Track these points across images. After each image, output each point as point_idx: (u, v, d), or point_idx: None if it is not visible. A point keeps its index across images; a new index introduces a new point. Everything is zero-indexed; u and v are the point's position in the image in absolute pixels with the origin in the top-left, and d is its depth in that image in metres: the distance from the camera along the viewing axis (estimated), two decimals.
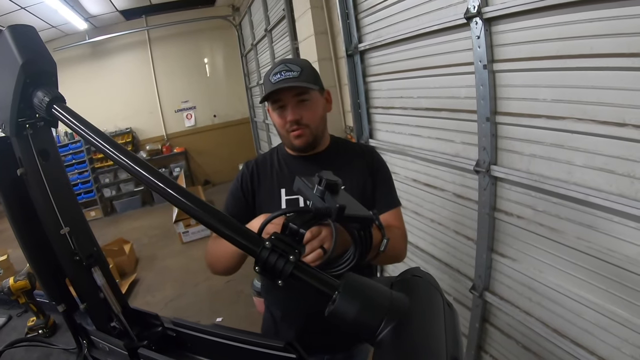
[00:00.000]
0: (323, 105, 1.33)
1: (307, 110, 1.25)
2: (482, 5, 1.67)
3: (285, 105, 1.24)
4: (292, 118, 1.24)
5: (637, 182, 1.30)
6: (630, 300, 1.39)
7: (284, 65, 1.23)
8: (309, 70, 1.26)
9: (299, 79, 1.20)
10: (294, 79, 1.20)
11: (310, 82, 1.24)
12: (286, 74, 1.20)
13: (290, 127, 1.26)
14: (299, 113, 1.24)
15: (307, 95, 1.24)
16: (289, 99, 1.23)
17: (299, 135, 1.26)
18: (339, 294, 0.54)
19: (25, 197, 0.85)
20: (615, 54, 1.29)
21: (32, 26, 0.78)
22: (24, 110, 0.76)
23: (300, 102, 1.24)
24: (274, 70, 1.23)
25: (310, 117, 1.26)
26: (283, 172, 1.36)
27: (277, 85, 1.19)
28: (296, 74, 1.20)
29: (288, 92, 1.22)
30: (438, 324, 0.56)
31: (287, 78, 1.20)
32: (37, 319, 1.25)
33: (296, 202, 1.31)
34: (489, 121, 1.79)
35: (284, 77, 1.20)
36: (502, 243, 1.96)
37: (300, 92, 1.23)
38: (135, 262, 5.06)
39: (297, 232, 0.60)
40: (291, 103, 1.24)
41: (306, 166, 1.34)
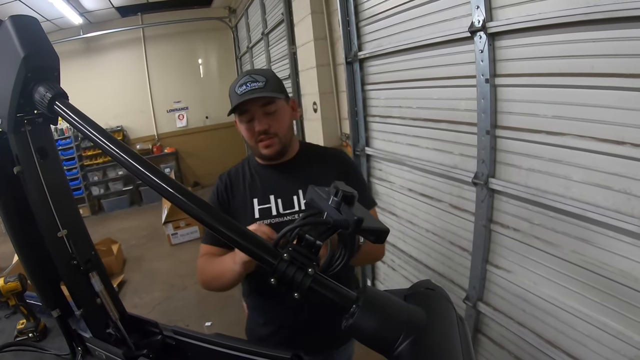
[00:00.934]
0: (289, 114, 1.35)
1: (274, 119, 1.27)
2: (487, 20, 1.69)
3: (252, 117, 1.26)
4: (260, 128, 1.26)
5: (633, 198, 1.32)
6: (622, 313, 1.41)
7: (249, 77, 1.24)
8: (273, 80, 1.28)
9: (265, 89, 1.22)
10: (260, 89, 1.22)
11: (276, 91, 1.26)
12: (252, 84, 1.22)
13: (258, 137, 1.28)
14: (266, 123, 1.26)
15: (273, 106, 1.26)
16: (256, 109, 1.25)
17: (268, 145, 1.29)
18: (358, 307, 0.54)
19: (21, 197, 0.82)
20: (615, 74, 1.31)
21: (35, 18, 0.74)
22: (23, 105, 0.73)
23: (267, 113, 1.26)
24: (239, 81, 1.25)
25: (278, 126, 1.29)
26: (254, 182, 1.38)
27: (243, 97, 1.21)
28: (262, 84, 1.23)
29: (255, 103, 1.24)
30: (454, 338, 0.56)
31: (253, 89, 1.22)
32: (27, 322, 1.21)
33: (268, 210, 1.33)
34: (488, 134, 1.81)
35: (249, 88, 1.22)
36: (497, 255, 1.97)
37: (266, 102, 1.25)
38: (123, 263, 4.98)
39: (314, 244, 0.59)
40: (258, 113, 1.26)
41: (276, 174, 1.38)
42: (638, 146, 1.27)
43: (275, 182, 1.37)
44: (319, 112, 3.58)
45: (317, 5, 3.38)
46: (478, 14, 1.72)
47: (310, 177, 1.31)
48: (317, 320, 1.33)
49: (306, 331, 1.35)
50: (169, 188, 0.61)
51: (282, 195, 1.35)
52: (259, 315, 1.45)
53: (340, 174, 1.37)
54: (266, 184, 1.37)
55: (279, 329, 1.39)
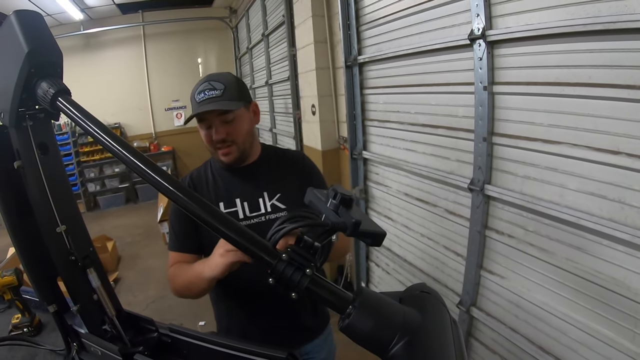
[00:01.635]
0: (249, 120, 1.35)
1: (232, 128, 1.28)
2: (487, 28, 1.71)
3: (210, 124, 1.27)
4: (218, 137, 1.27)
5: (627, 207, 1.34)
6: (614, 320, 1.42)
7: (207, 84, 1.24)
8: (232, 86, 1.27)
9: (222, 97, 1.22)
10: (216, 98, 1.22)
11: (234, 99, 1.25)
12: (209, 92, 1.23)
13: (216, 145, 1.29)
14: (224, 132, 1.27)
15: (231, 115, 1.26)
16: (213, 118, 1.26)
17: (226, 153, 1.30)
18: (355, 308, 0.54)
19: (20, 192, 0.82)
20: (612, 84, 1.33)
21: (39, 13, 0.75)
22: (25, 100, 0.74)
23: (225, 121, 1.27)
24: (198, 88, 1.26)
25: (236, 134, 1.29)
26: (218, 186, 1.39)
27: (200, 107, 1.22)
28: (219, 92, 1.23)
29: (212, 113, 1.24)
30: (448, 340, 0.57)
31: (210, 97, 1.22)
32: (23, 316, 1.21)
33: (235, 214, 1.34)
34: (485, 141, 1.82)
35: (207, 96, 1.22)
36: (491, 261, 1.98)
37: (223, 111, 1.25)
38: (117, 261, 4.98)
39: (312, 245, 0.60)
40: (215, 123, 1.26)
41: (240, 178, 1.39)
42: (633, 156, 1.29)
43: (240, 186, 1.37)
44: (318, 115, 3.60)
45: (318, 9, 3.40)
46: (478, 22, 1.74)
47: (274, 180, 1.36)
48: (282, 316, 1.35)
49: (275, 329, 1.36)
50: (170, 186, 0.62)
51: (248, 199, 1.36)
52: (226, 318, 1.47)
53: (302, 175, 1.42)
54: (231, 187, 1.38)
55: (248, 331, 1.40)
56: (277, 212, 1.36)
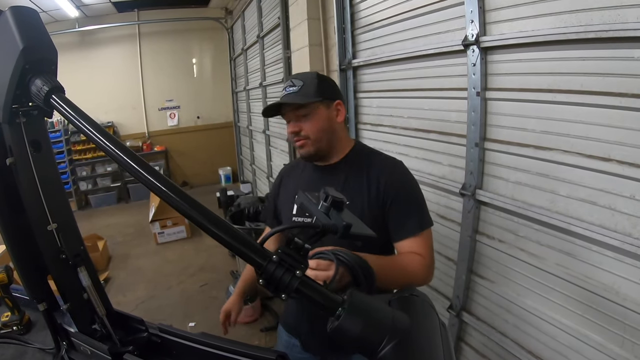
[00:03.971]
0: (327, 117, 1.31)
1: (306, 123, 1.30)
2: (481, 35, 1.73)
3: (289, 119, 1.34)
4: (290, 130, 1.33)
5: (617, 214, 1.36)
6: (604, 325, 1.44)
7: (290, 81, 1.31)
8: (311, 83, 1.29)
9: (297, 93, 1.27)
10: (292, 94, 1.27)
11: (310, 95, 1.27)
12: (288, 88, 1.28)
13: (292, 138, 1.34)
14: (298, 126, 1.31)
15: (304, 110, 1.29)
16: (289, 113, 1.32)
17: (300, 145, 1.33)
18: (344, 310, 0.55)
19: (12, 188, 0.81)
20: (604, 92, 1.35)
21: (35, 10, 0.74)
22: (19, 97, 0.73)
23: (299, 116, 1.30)
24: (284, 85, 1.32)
25: (310, 129, 1.30)
26: (303, 177, 1.46)
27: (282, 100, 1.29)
28: (297, 88, 1.27)
29: (287, 107, 1.31)
30: (436, 343, 0.58)
31: (288, 93, 1.28)
32: (12, 314, 1.20)
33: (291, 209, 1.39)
34: (477, 147, 1.84)
35: (286, 92, 1.29)
36: (482, 265, 2.00)
37: (297, 107, 1.29)
38: (108, 260, 4.93)
39: (302, 247, 0.60)
40: (290, 117, 1.32)
41: (319, 175, 1.40)
42: (623, 163, 1.31)
43: (318, 182, 1.35)
44: None
45: (313, 12, 3.40)
46: (472, 28, 1.76)
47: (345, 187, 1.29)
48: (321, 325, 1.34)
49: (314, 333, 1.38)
50: (162, 187, 0.61)
51: None
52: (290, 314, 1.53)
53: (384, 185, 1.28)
54: (310, 182, 1.41)
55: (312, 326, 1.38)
56: None
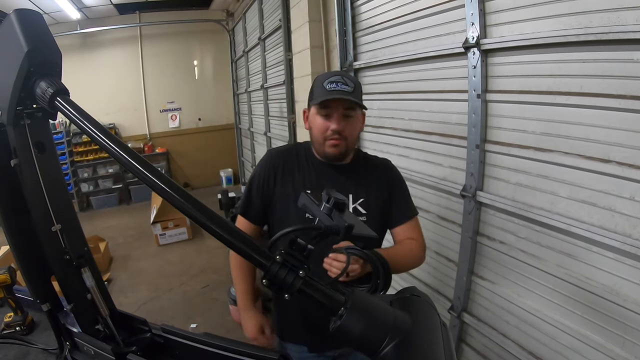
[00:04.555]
0: (361, 124, 1.41)
1: (349, 124, 1.32)
2: (481, 37, 1.74)
3: (331, 114, 1.30)
4: (336, 128, 1.30)
5: (617, 215, 1.36)
6: (604, 326, 1.44)
7: (341, 77, 1.29)
8: (360, 89, 1.34)
9: (353, 94, 1.27)
10: (349, 93, 1.27)
11: (360, 100, 1.31)
12: (342, 86, 1.27)
13: (331, 135, 1.31)
14: (342, 125, 1.30)
15: (353, 112, 1.32)
16: (338, 109, 1.29)
17: (335, 144, 1.32)
18: (346, 310, 0.55)
19: (16, 190, 0.82)
20: (603, 94, 1.36)
21: (39, 13, 0.75)
22: (24, 99, 0.74)
23: (346, 116, 1.31)
24: (329, 78, 1.29)
25: (350, 132, 1.33)
26: (310, 174, 1.41)
27: (334, 94, 1.25)
28: (351, 89, 1.28)
29: (340, 103, 1.28)
30: (437, 343, 0.58)
31: (343, 90, 1.26)
32: (15, 315, 1.20)
33: None
34: (478, 148, 1.85)
35: (340, 87, 1.26)
36: (482, 266, 2.00)
37: (349, 106, 1.30)
38: (109, 261, 4.94)
39: (305, 247, 0.61)
40: (338, 113, 1.30)
41: (333, 174, 1.40)
42: (623, 165, 1.32)
43: (329, 181, 1.39)
44: None
45: (315, 14, 3.41)
46: (473, 30, 1.77)
47: (362, 184, 1.39)
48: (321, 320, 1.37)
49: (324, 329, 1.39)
50: (166, 187, 0.62)
51: None
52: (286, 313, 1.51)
53: (387, 183, 1.43)
54: (322, 179, 1.39)
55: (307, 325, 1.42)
56: (357, 215, 1.36)
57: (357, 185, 1.39)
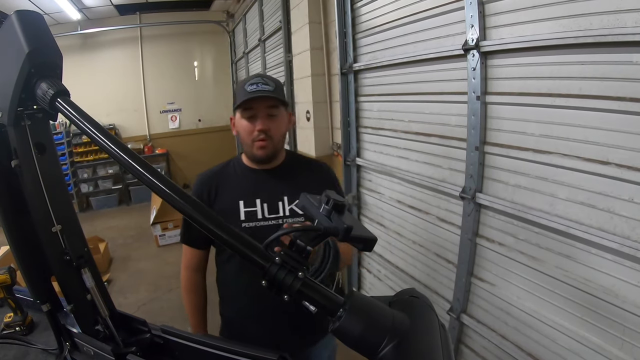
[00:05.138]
0: (286, 123, 1.43)
1: (274, 123, 1.35)
2: (481, 39, 1.74)
3: (255, 115, 1.33)
4: (261, 128, 1.33)
5: (616, 217, 1.37)
6: (603, 328, 1.45)
7: (261, 79, 1.32)
8: (281, 88, 1.37)
9: (274, 93, 1.31)
10: (270, 92, 1.30)
11: (282, 98, 1.34)
12: (262, 86, 1.30)
13: (257, 136, 1.33)
14: (267, 124, 1.33)
15: (277, 110, 1.35)
16: (261, 109, 1.32)
17: (262, 145, 1.34)
18: (345, 311, 0.56)
19: (17, 190, 0.82)
20: (602, 96, 1.36)
21: (40, 14, 0.75)
22: (24, 100, 0.74)
23: (270, 115, 1.34)
24: (250, 80, 1.32)
25: (276, 131, 1.36)
26: (241, 184, 1.42)
27: (254, 94, 1.27)
28: (272, 88, 1.31)
29: (262, 103, 1.32)
30: (436, 344, 0.58)
31: (263, 90, 1.29)
32: (15, 315, 1.20)
33: (254, 214, 1.37)
34: (477, 150, 1.85)
35: (260, 88, 1.30)
36: (482, 268, 2.00)
37: (272, 105, 1.33)
38: (109, 262, 4.94)
39: (304, 249, 0.61)
40: (262, 114, 1.33)
41: (264, 179, 1.42)
42: (622, 166, 1.32)
43: (262, 187, 1.41)
44: (312, 121, 3.62)
45: (315, 16, 3.43)
46: (472, 32, 1.77)
47: (295, 185, 1.40)
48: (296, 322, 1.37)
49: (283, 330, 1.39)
50: (166, 189, 0.63)
51: (268, 200, 1.39)
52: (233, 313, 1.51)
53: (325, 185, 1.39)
54: (253, 187, 1.41)
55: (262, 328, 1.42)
56: (294, 216, 1.39)
57: (291, 187, 1.41)
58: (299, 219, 1.38)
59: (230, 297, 1.50)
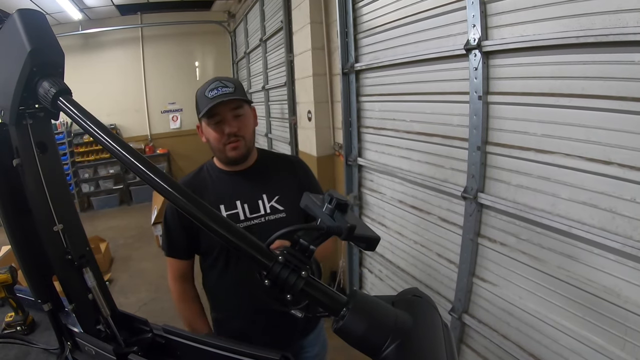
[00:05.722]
0: (253, 120, 1.42)
1: (242, 123, 1.34)
2: (483, 39, 1.74)
3: (222, 120, 1.32)
4: (231, 130, 1.32)
5: (618, 217, 1.36)
6: (605, 328, 1.44)
7: (219, 82, 1.31)
8: (240, 87, 1.36)
9: (235, 94, 1.30)
10: (231, 93, 1.29)
11: (244, 97, 1.32)
12: (222, 89, 1.29)
13: (227, 139, 1.33)
14: (235, 125, 1.32)
15: (242, 110, 1.34)
16: (226, 113, 1.31)
17: (235, 147, 1.34)
18: (348, 311, 0.55)
19: (18, 189, 0.82)
20: (605, 96, 1.36)
21: (42, 13, 0.75)
22: (26, 99, 0.73)
23: (236, 116, 1.33)
24: (209, 86, 1.31)
25: (245, 129, 1.36)
26: (218, 189, 1.41)
27: (216, 100, 1.27)
28: (231, 89, 1.30)
29: (225, 107, 1.30)
30: (439, 344, 0.58)
31: (224, 93, 1.28)
32: (16, 315, 1.20)
33: (236, 216, 1.36)
34: (479, 150, 1.85)
35: (220, 92, 1.29)
36: (483, 268, 2.00)
37: (236, 106, 1.32)
38: (110, 262, 4.94)
39: (307, 248, 0.61)
40: (228, 117, 1.32)
41: (240, 180, 1.42)
42: (624, 166, 1.32)
43: (240, 188, 1.40)
44: (313, 121, 3.61)
45: (316, 16, 3.42)
46: (474, 32, 1.77)
47: (271, 182, 1.42)
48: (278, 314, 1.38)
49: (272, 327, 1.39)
50: (168, 188, 0.62)
51: (248, 200, 1.39)
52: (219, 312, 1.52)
53: (299, 177, 1.49)
54: (230, 189, 1.40)
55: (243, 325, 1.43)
56: (276, 213, 1.39)
57: (269, 184, 1.42)
58: (281, 215, 1.39)
59: (217, 300, 1.51)
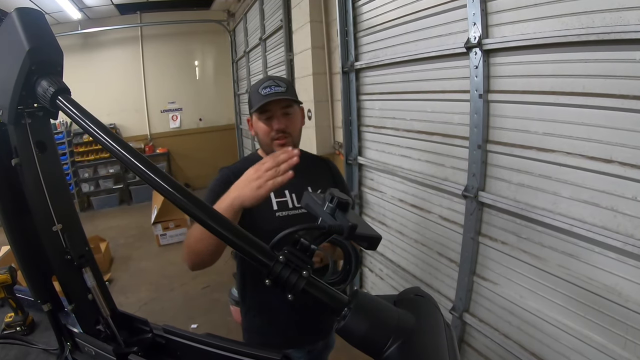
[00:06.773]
0: (301, 119, 1.49)
1: (291, 121, 1.41)
2: (483, 37, 1.74)
3: (272, 116, 1.39)
4: (279, 127, 1.38)
5: (619, 215, 1.36)
6: (606, 326, 1.44)
7: (273, 81, 1.39)
8: (292, 87, 1.44)
9: (287, 93, 1.37)
10: (283, 92, 1.36)
11: (295, 97, 1.41)
12: (275, 88, 1.37)
13: (275, 135, 1.39)
14: (284, 123, 1.39)
15: (291, 109, 1.41)
16: (277, 110, 1.38)
17: (282, 143, 1.40)
18: (350, 310, 0.55)
19: (17, 189, 0.82)
20: (606, 94, 1.36)
21: (40, 11, 0.74)
22: (25, 98, 0.73)
23: (286, 114, 1.40)
24: (263, 84, 1.38)
25: (293, 128, 1.42)
26: None
27: (269, 97, 1.34)
28: (284, 89, 1.37)
29: (277, 104, 1.37)
30: (441, 343, 0.58)
31: (276, 92, 1.36)
32: (16, 315, 1.20)
33: (285, 204, 1.43)
34: (480, 149, 1.84)
35: (273, 90, 1.36)
36: (484, 267, 2.00)
37: (286, 105, 1.39)
38: (110, 262, 4.94)
39: (309, 247, 0.60)
40: (278, 114, 1.39)
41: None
42: (626, 165, 1.31)
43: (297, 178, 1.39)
44: (313, 120, 3.61)
45: (316, 14, 3.42)
46: (474, 30, 1.76)
47: (313, 177, 1.49)
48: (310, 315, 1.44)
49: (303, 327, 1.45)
50: (168, 187, 0.62)
51: (296, 190, 1.44)
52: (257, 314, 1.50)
53: (331, 176, 1.58)
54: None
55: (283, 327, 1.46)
56: None
57: (311, 178, 1.48)
58: None
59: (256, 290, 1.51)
